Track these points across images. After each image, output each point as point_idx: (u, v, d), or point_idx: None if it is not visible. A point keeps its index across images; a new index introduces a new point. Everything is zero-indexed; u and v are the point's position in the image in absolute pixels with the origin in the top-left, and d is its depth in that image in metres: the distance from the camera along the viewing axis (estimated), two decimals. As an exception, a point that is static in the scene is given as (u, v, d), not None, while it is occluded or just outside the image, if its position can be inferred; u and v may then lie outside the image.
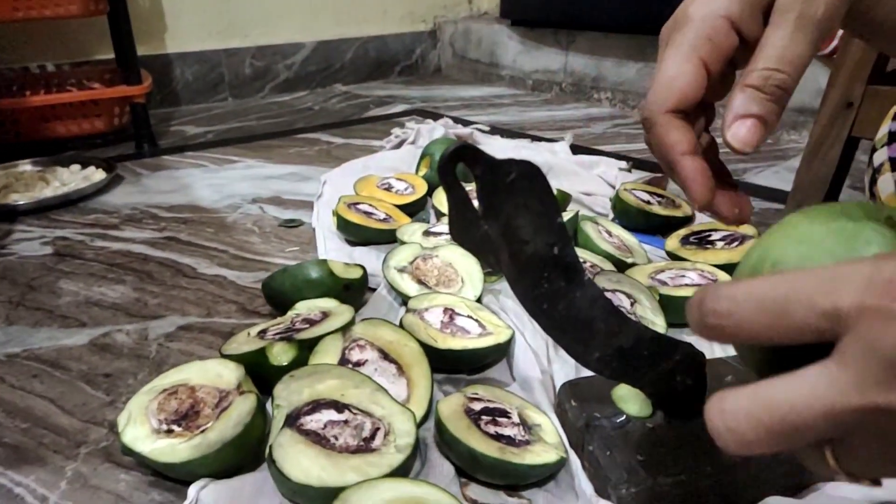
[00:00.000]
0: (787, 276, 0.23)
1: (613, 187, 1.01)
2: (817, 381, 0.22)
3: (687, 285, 0.66)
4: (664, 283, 0.67)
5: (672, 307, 0.63)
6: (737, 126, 0.32)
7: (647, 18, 1.50)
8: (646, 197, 0.90)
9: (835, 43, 1.20)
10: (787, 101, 0.33)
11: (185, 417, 0.48)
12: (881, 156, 0.65)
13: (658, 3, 1.46)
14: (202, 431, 0.46)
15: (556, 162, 1.10)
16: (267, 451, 0.44)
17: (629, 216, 0.88)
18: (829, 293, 0.22)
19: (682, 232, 0.80)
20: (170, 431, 0.47)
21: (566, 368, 0.57)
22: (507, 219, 0.36)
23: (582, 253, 0.74)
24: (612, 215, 0.92)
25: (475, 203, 0.36)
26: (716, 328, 0.25)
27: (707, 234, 0.78)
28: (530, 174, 0.35)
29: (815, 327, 0.22)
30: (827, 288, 0.22)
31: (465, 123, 1.45)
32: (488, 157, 0.33)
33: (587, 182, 1.03)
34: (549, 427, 0.49)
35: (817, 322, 0.22)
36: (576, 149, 1.21)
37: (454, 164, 0.33)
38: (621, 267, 0.72)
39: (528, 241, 0.37)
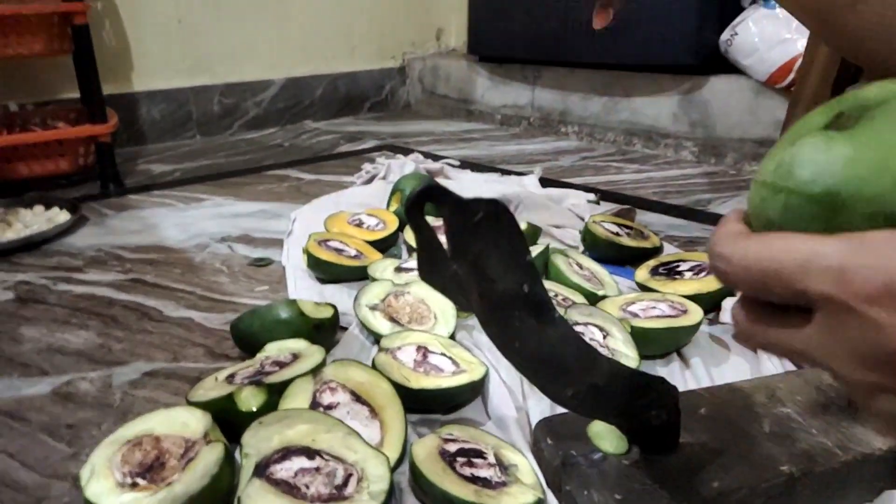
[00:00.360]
0: (773, 247, 0.27)
1: (583, 219, 1.02)
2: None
3: (658, 317, 0.67)
4: (636, 315, 0.67)
5: (644, 339, 0.63)
6: None
7: (610, 54, 1.54)
8: (615, 229, 0.91)
9: (792, 76, 1.25)
10: None
11: (151, 469, 0.46)
12: None
13: (621, 40, 1.50)
14: (168, 484, 0.44)
15: (526, 195, 1.11)
16: (235, 503, 0.43)
17: (599, 248, 0.88)
18: (802, 277, 0.25)
19: (651, 263, 0.80)
20: (134, 485, 0.45)
21: (541, 405, 0.56)
22: (476, 258, 0.36)
23: (553, 286, 0.74)
24: (582, 248, 0.93)
25: (443, 242, 0.35)
26: (718, 273, 0.29)
27: (675, 264, 0.79)
28: (497, 213, 0.35)
29: (792, 298, 0.26)
30: (801, 271, 0.25)
31: (436, 158, 1.46)
32: (455, 196, 0.33)
33: (557, 215, 1.04)
34: (526, 467, 0.48)
35: (793, 297, 0.26)
36: (545, 182, 1.22)
37: (422, 204, 0.33)
38: (593, 299, 0.72)
39: (496, 280, 0.36)
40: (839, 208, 0.26)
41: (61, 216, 1.11)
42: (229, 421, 0.52)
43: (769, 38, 1.26)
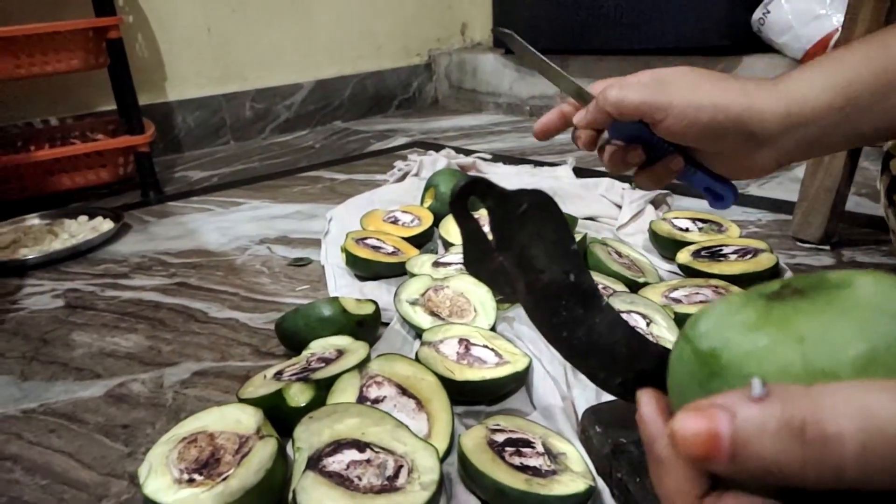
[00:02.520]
0: None
1: (619, 206, 1.01)
2: None
3: (701, 302, 0.66)
4: (678, 301, 0.67)
5: (688, 325, 0.63)
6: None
7: (639, 40, 1.52)
8: (685, 224, 0.87)
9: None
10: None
11: (206, 465, 0.47)
12: None
13: (646, 24, 1.48)
14: (224, 479, 0.46)
15: (560, 186, 1.10)
16: (290, 495, 0.44)
17: (665, 247, 0.84)
18: None
19: (693, 247, 0.79)
20: (191, 481, 0.47)
21: (587, 393, 0.56)
22: (521, 249, 0.36)
23: (592, 276, 0.73)
24: (617, 236, 0.92)
25: (488, 234, 0.36)
26: None
27: (718, 248, 0.78)
28: (543, 203, 0.35)
29: None
30: None
31: (467, 153, 1.46)
32: (499, 188, 0.34)
33: (592, 204, 1.03)
34: (575, 455, 0.48)
35: None
36: (578, 172, 1.21)
37: (465, 198, 0.33)
38: (634, 287, 0.72)
39: (543, 270, 0.37)
40: (716, 373, 0.24)
41: (105, 225, 1.14)
42: (279, 417, 0.53)
43: (803, 14, 1.24)
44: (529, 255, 0.36)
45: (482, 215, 0.37)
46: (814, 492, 0.20)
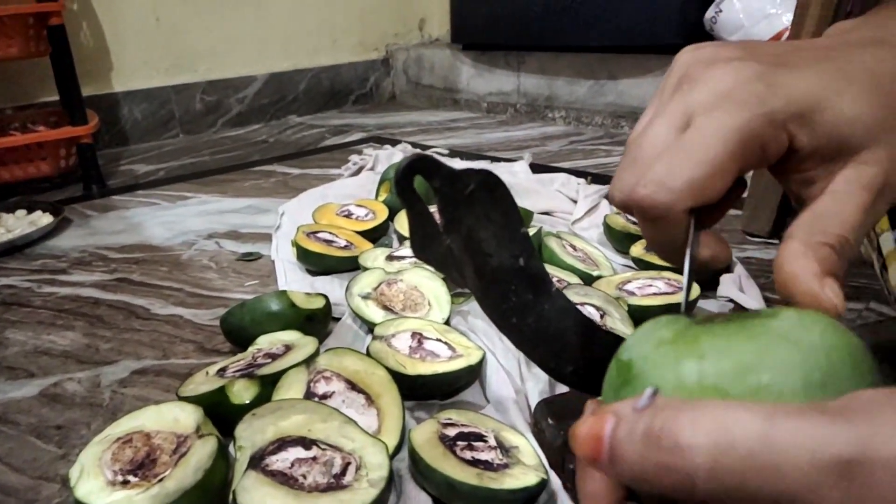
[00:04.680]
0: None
1: (574, 201, 1.01)
2: None
3: (654, 294, 0.66)
4: (632, 294, 0.67)
5: (641, 316, 0.62)
6: (831, 286, 0.27)
7: (594, 37, 1.53)
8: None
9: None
10: None
11: (142, 466, 0.45)
12: (888, 242, 0.57)
13: (601, 21, 1.49)
14: (160, 480, 0.43)
15: (516, 182, 1.10)
16: (231, 496, 0.41)
17: (619, 241, 0.84)
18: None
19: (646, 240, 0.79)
20: (126, 482, 0.44)
21: (540, 385, 0.55)
22: (469, 232, 0.34)
23: (547, 269, 0.73)
24: (572, 230, 0.92)
25: (436, 217, 0.34)
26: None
27: (670, 242, 0.78)
28: (491, 184, 0.34)
29: None
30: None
31: (424, 148, 1.45)
32: (446, 167, 0.32)
33: (548, 199, 1.03)
34: (527, 448, 0.47)
35: None
36: (534, 167, 1.21)
37: (411, 176, 0.32)
38: (588, 280, 0.72)
39: (492, 255, 0.35)
40: (628, 381, 0.25)
41: (44, 219, 1.09)
42: (222, 415, 0.50)
43: (754, 13, 1.26)
44: (478, 238, 0.35)
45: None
46: None
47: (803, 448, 0.18)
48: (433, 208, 0.34)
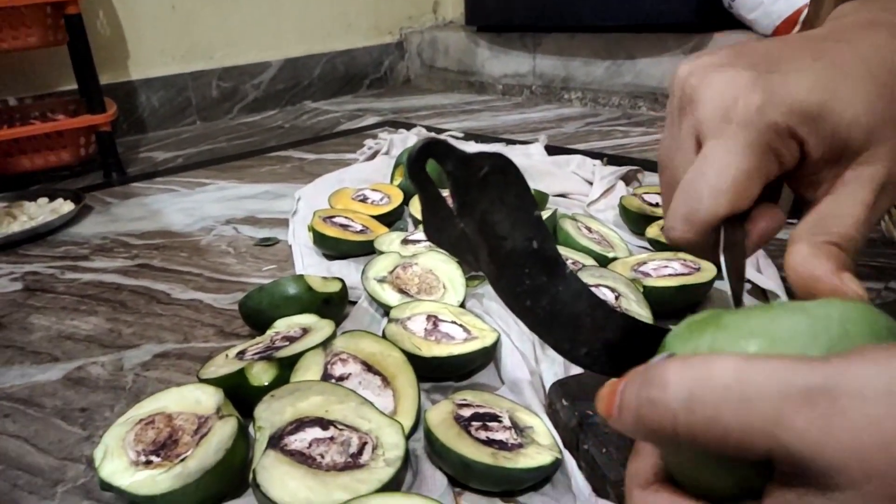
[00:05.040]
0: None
1: (590, 183, 1.00)
2: None
3: (670, 275, 0.66)
4: (647, 275, 0.66)
5: (657, 298, 0.62)
6: (850, 278, 0.28)
7: (611, 16, 1.51)
8: (655, 199, 0.86)
9: (797, 28, 1.22)
10: None
11: (164, 447, 0.46)
12: None
13: (619, 1, 1.47)
14: (182, 460, 0.44)
15: (531, 164, 1.09)
16: (251, 475, 0.42)
17: (635, 222, 0.84)
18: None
19: (662, 221, 0.79)
20: (149, 462, 0.45)
21: (555, 367, 0.55)
22: (483, 215, 0.34)
23: (563, 250, 0.73)
24: (588, 212, 0.92)
25: (449, 201, 0.34)
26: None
27: (687, 223, 0.77)
28: (503, 167, 0.34)
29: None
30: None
31: (439, 131, 1.44)
32: (459, 151, 0.32)
33: (563, 181, 1.03)
34: (542, 428, 0.47)
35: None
36: (550, 149, 1.20)
37: (423, 160, 0.32)
38: (603, 262, 0.71)
39: (506, 238, 0.35)
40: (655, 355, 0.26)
41: (65, 207, 1.11)
42: (242, 397, 0.51)
43: (773, -10, 1.24)
44: (491, 222, 0.35)
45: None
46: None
47: (773, 381, 0.19)
48: (446, 192, 0.34)
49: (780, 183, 0.32)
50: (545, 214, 0.80)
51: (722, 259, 0.31)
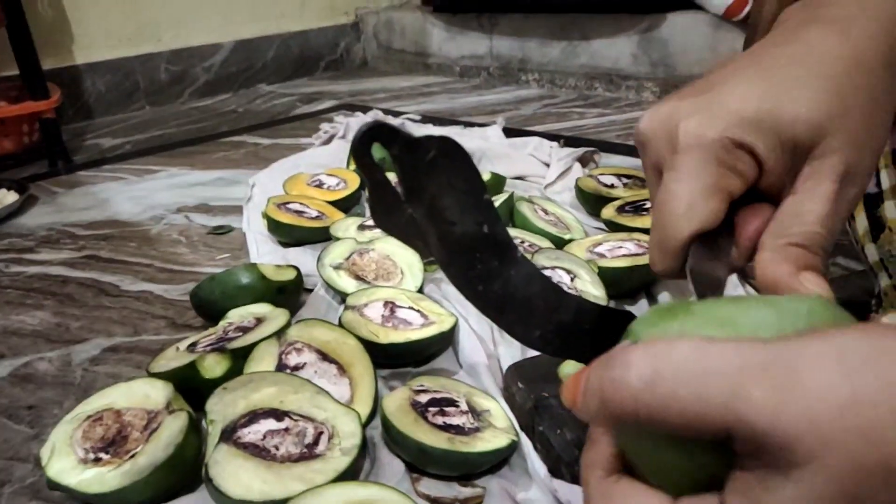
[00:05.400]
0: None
1: (547, 165, 1.01)
2: None
3: (624, 255, 0.66)
4: (602, 256, 0.67)
5: (611, 278, 0.63)
6: (808, 278, 0.28)
7: (566, -3, 1.51)
8: (610, 181, 0.87)
9: (748, 7, 1.23)
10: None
11: (113, 444, 0.45)
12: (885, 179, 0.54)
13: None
14: (131, 457, 0.43)
15: (489, 147, 1.09)
16: (203, 470, 0.41)
17: (591, 204, 0.85)
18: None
19: (617, 202, 0.80)
20: (97, 460, 0.44)
21: (512, 351, 0.56)
22: (432, 200, 0.34)
23: (519, 233, 0.73)
24: (545, 194, 0.92)
25: (397, 186, 0.34)
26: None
27: (642, 202, 0.78)
28: (451, 151, 0.33)
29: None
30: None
31: (396, 115, 1.43)
32: (405, 134, 0.32)
33: (520, 164, 1.03)
34: (499, 412, 0.48)
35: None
36: (508, 132, 1.20)
37: (368, 144, 0.31)
38: (559, 244, 0.72)
39: (455, 222, 0.35)
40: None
41: (9, 197, 1.06)
42: (194, 390, 0.50)
43: (725, -30, 1.25)
44: (440, 206, 0.34)
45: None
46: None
47: (731, 357, 0.19)
48: (394, 177, 0.34)
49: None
50: (502, 197, 0.80)
51: (689, 277, 0.31)
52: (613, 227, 0.77)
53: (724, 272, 0.31)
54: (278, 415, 0.45)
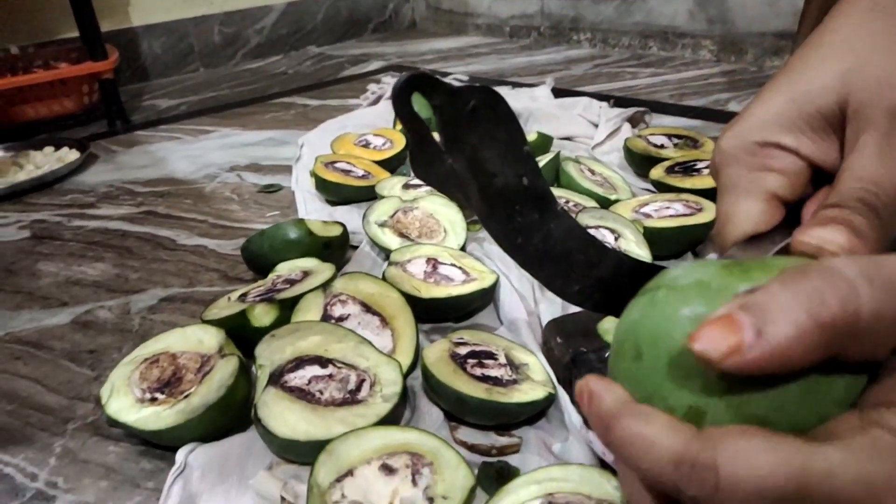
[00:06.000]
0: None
1: (596, 125, 0.99)
2: None
3: (671, 216, 0.65)
4: (648, 216, 0.66)
5: (657, 239, 0.62)
6: (817, 229, 0.26)
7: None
8: (660, 141, 0.85)
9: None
10: (886, 230, 0.26)
11: (168, 385, 0.47)
12: None
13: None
14: (186, 397, 0.45)
15: (536, 107, 1.08)
16: (252, 411, 0.43)
17: (639, 165, 0.83)
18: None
19: (667, 163, 0.78)
20: (154, 399, 0.46)
21: (553, 308, 0.56)
22: (473, 151, 0.34)
23: (564, 193, 0.72)
24: (593, 155, 0.91)
25: (437, 136, 0.34)
26: None
27: (692, 163, 0.77)
28: (492, 101, 0.33)
29: None
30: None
31: (443, 75, 1.42)
32: (446, 84, 0.32)
33: (568, 124, 1.01)
34: (537, 365, 0.48)
35: None
36: (557, 92, 1.18)
37: (408, 94, 0.31)
38: (605, 204, 0.71)
39: (496, 174, 0.35)
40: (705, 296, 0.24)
41: (71, 155, 1.11)
42: (244, 337, 0.52)
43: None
44: (481, 158, 0.34)
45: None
46: None
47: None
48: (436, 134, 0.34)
49: None
50: (548, 157, 0.79)
51: None
52: (662, 187, 0.75)
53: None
54: (323, 362, 0.46)
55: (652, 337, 0.24)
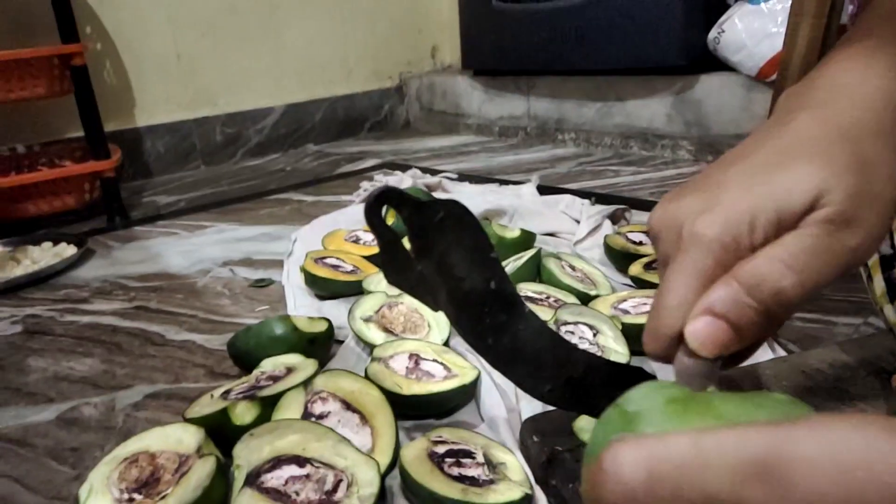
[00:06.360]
0: None
1: (577, 222, 1.02)
2: None
3: (649, 312, 0.67)
4: (626, 312, 0.68)
5: (634, 335, 0.64)
6: (700, 322, 0.28)
7: (601, 60, 1.55)
8: (639, 238, 0.88)
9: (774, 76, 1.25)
10: (779, 321, 0.28)
11: (146, 485, 0.47)
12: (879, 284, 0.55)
13: (606, 45, 1.52)
14: (162, 498, 0.45)
15: (521, 204, 1.12)
16: (227, 512, 0.44)
17: (619, 260, 0.86)
18: None
19: (644, 259, 0.81)
20: (131, 500, 0.46)
21: (534, 405, 0.57)
22: (441, 256, 0.36)
23: (545, 288, 0.75)
24: (574, 251, 0.93)
25: (407, 245, 0.36)
26: None
27: (668, 261, 0.79)
28: (458, 212, 0.36)
29: None
30: None
31: (435, 173, 1.47)
32: (414, 198, 0.34)
33: (551, 221, 1.05)
34: (515, 465, 0.49)
35: None
36: (543, 189, 1.23)
37: (379, 207, 0.34)
38: (585, 300, 0.73)
39: (463, 278, 0.37)
40: (630, 429, 0.25)
41: (68, 251, 1.14)
42: (225, 436, 0.53)
43: (756, 33, 1.27)
44: (449, 263, 0.37)
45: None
46: None
47: (726, 451, 0.19)
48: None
49: None
50: (529, 253, 0.81)
51: (675, 370, 0.32)
52: (640, 283, 0.78)
53: (717, 365, 0.31)
54: (300, 461, 0.47)
55: (589, 455, 0.26)
